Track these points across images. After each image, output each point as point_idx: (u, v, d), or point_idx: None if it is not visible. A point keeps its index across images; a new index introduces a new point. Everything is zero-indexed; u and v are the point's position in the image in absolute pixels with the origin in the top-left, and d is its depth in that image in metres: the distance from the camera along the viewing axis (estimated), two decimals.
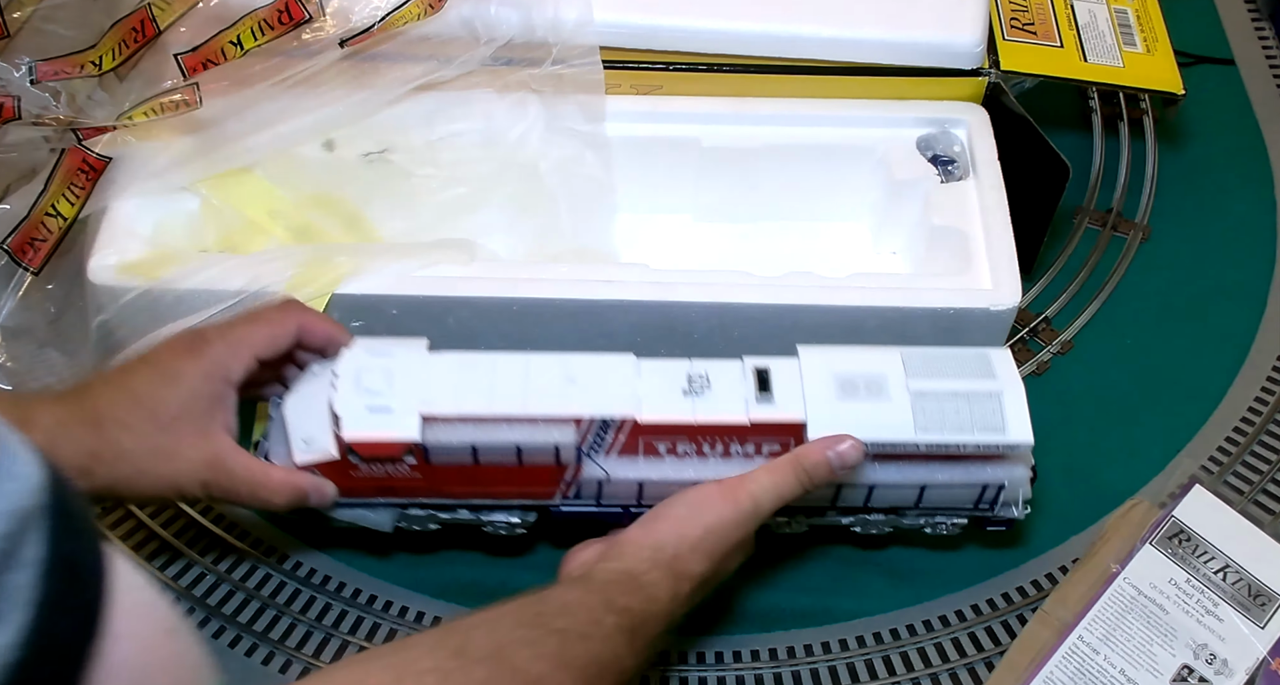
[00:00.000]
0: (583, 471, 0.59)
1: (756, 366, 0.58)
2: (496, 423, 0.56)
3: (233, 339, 0.57)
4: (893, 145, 0.74)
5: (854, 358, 0.59)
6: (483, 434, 0.56)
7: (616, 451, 0.58)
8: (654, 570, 0.53)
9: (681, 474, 0.59)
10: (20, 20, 0.70)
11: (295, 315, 0.58)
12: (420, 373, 0.57)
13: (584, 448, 0.58)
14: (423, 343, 0.59)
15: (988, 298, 0.67)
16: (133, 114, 0.66)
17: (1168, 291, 0.81)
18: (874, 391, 0.58)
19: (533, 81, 0.72)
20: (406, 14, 0.68)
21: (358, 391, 0.56)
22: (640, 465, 0.59)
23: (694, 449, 0.58)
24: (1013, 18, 0.79)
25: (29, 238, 0.66)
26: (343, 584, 0.67)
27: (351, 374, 0.57)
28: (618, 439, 0.58)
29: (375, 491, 0.60)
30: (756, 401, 0.57)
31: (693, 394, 0.57)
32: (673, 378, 0.58)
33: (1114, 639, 0.63)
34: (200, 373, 0.55)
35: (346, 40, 0.67)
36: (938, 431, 0.57)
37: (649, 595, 0.52)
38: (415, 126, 0.73)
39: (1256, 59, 0.95)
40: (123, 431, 0.54)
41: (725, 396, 0.57)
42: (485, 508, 0.62)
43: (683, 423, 0.57)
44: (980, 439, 0.57)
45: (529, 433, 0.57)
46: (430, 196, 0.73)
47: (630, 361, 0.59)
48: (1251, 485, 0.72)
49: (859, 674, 0.65)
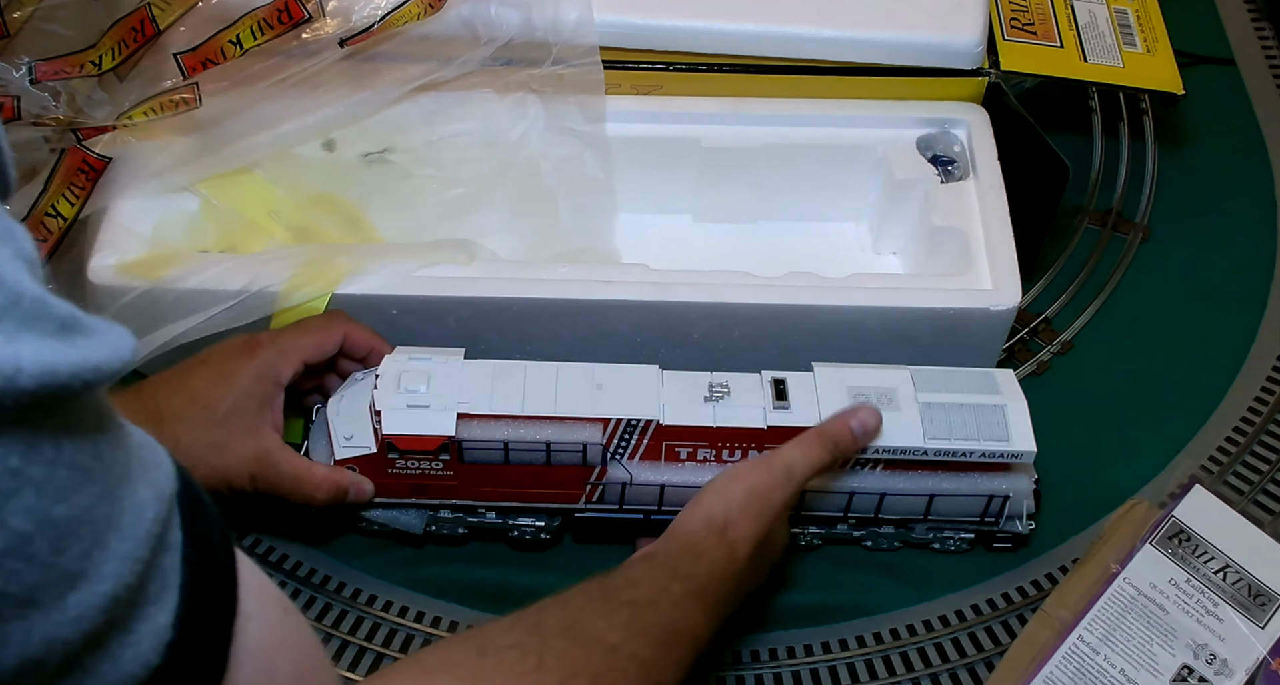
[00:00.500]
0: (607, 474, 0.62)
1: (774, 378, 0.62)
2: (528, 422, 0.60)
3: (283, 344, 0.61)
4: (893, 145, 0.74)
5: (866, 374, 0.62)
6: (515, 432, 0.60)
7: (640, 455, 0.62)
8: (709, 536, 0.55)
9: (701, 478, 0.61)
10: (20, 20, 0.70)
11: (341, 325, 0.63)
12: (457, 376, 0.61)
13: (609, 450, 0.61)
14: (459, 352, 0.62)
15: (988, 298, 0.67)
16: (133, 114, 0.66)
17: (1168, 291, 0.81)
18: (885, 402, 0.61)
19: (533, 81, 0.72)
20: (406, 14, 0.68)
21: (398, 391, 0.60)
22: (662, 469, 0.62)
23: (714, 454, 0.62)
24: (1013, 18, 0.79)
25: None
26: (342, 583, 0.67)
27: (393, 376, 0.60)
28: (641, 442, 0.61)
29: (409, 491, 0.63)
30: (774, 409, 0.60)
31: (713, 401, 0.61)
32: (695, 386, 0.62)
33: (1114, 639, 0.63)
34: (253, 373, 0.59)
35: (346, 40, 0.67)
36: (945, 439, 0.60)
37: (710, 560, 0.55)
38: (415, 127, 0.73)
39: (1256, 59, 0.95)
40: (180, 426, 0.58)
41: (744, 404, 0.61)
42: (512, 511, 0.65)
43: (704, 427, 0.60)
44: (985, 447, 0.60)
45: (558, 432, 0.60)
46: (430, 196, 0.73)
47: (654, 372, 0.62)
48: (1251, 485, 0.72)
49: (859, 674, 0.65)
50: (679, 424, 0.60)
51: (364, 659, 0.65)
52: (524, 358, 0.69)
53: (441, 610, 0.67)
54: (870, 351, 0.69)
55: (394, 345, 0.68)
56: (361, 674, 0.64)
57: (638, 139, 0.74)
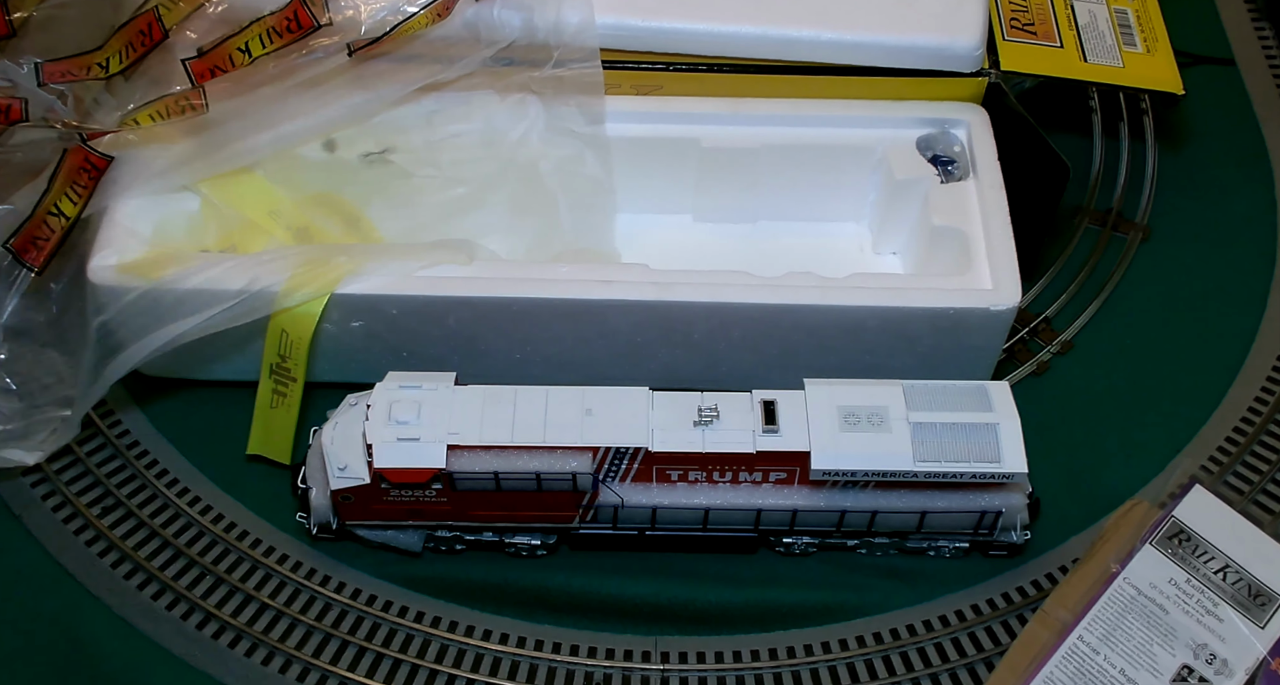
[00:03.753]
0: (600, 497, 0.62)
1: (764, 399, 0.62)
2: (517, 452, 0.60)
3: None
4: (893, 145, 0.74)
5: (858, 391, 0.62)
6: (504, 462, 0.60)
7: (631, 479, 0.62)
8: None
9: (693, 499, 0.62)
10: (22, 18, 0.70)
11: None
12: (447, 405, 0.61)
13: (600, 475, 0.62)
14: (450, 376, 0.62)
15: (988, 298, 0.67)
16: (138, 117, 0.66)
17: (1168, 291, 0.81)
18: (875, 423, 0.61)
19: (533, 83, 0.72)
20: (415, 24, 0.68)
21: (389, 423, 0.60)
22: (654, 491, 0.63)
23: (704, 476, 0.62)
24: (1013, 18, 0.79)
25: (32, 237, 0.66)
26: (342, 583, 0.67)
27: (384, 406, 0.61)
28: (632, 467, 0.62)
29: (405, 515, 0.64)
30: (763, 432, 0.60)
31: (703, 425, 0.61)
32: (684, 410, 0.61)
33: (1114, 639, 0.63)
34: None
35: (355, 48, 0.67)
36: (935, 461, 0.60)
37: None
38: (416, 127, 0.73)
39: (1256, 59, 0.95)
40: None
41: (733, 427, 0.61)
42: (509, 530, 0.65)
43: (693, 452, 0.61)
44: (976, 469, 0.60)
45: (548, 461, 0.60)
46: (430, 197, 0.73)
47: (644, 394, 0.62)
48: (1251, 485, 0.72)
49: (859, 674, 0.65)
50: (668, 451, 0.61)
51: (364, 659, 0.65)
52: (524, 357, 0.70)
53: (441, 610, 0.67)
54: (870, 351, 0.69)
55: (395, 346, 0.69)
56: (361, 674, 0.64)
57: (638, 139, 0.74)
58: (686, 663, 0.65)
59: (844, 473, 0.61)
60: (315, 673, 0.64)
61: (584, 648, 0.65)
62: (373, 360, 0.68)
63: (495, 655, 0.65)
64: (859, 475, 0.61)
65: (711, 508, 0.63)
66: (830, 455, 0.60)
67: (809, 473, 0.61)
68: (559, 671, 0.65)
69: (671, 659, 0.65)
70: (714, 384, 0.64)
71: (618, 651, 0.65)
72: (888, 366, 0.69)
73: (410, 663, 0.65)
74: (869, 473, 0.61)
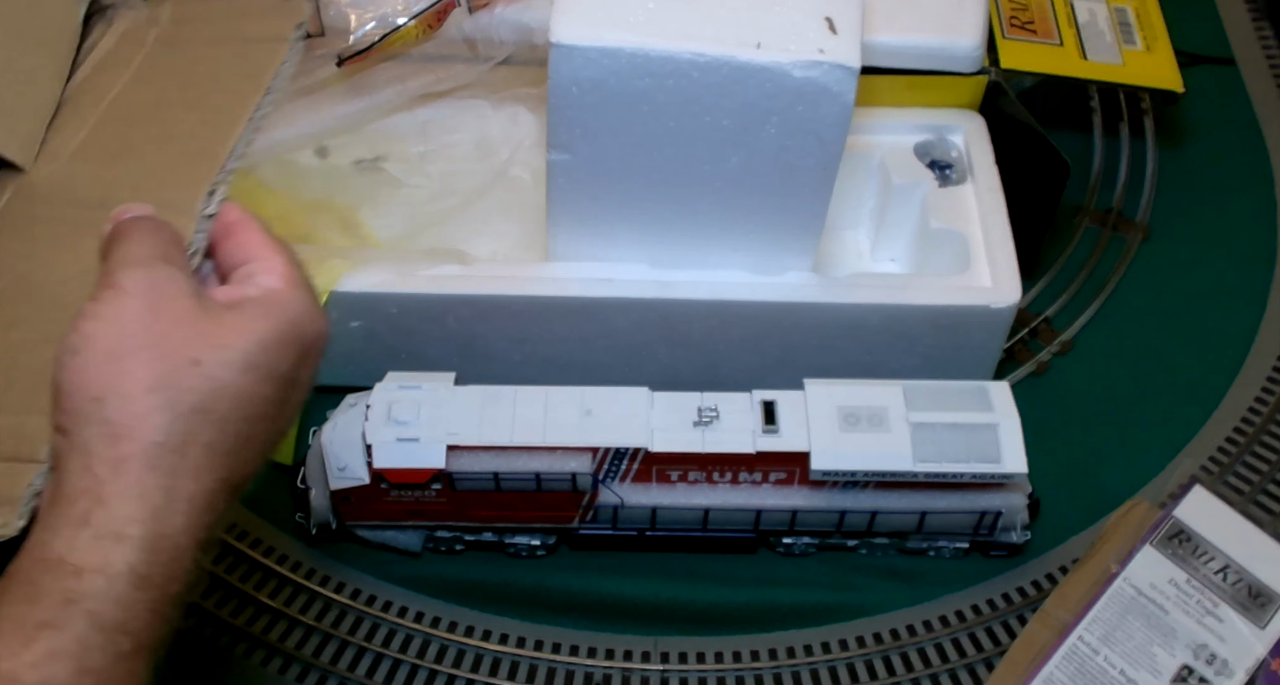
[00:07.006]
0: (599, 497, 0.63)
1: (764, 399, 0.62)
2: (517, 452, 0.61)
3: None
4: (890, 151, 0.74)
5: (858, 391, 0.62)
6: (504, 463, 0.60)
7: (631, 479, 0.62)
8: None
9: (693, 499, 0.62)
10: None
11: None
12: (446, 405, 0.61)
13: (600, 476, 0.62)
14: (450, 377, 0.62)
15: (988, 295, 0.67)
16: None
17: (1168, 291, 0.81)
18: (875, 423, 0.61)
19: (526, 95, 0.72)
20: (405, 36, 0.68)
21: (388, 423, 0.60)
22: (654, 492, 0.63)
23: (704, 476, 0.62)
24: (1012, 16, 0.79)
25: None
26: (342, 583, 0.67)
27: (383, 406, 0.61)
28: (631, 467, 0.62)
29: (405, 515, 0.64)
30: (762, 433, 0.60)
31: (703, 425, 0.61)
32: (684, 410, 0.62)
33: (1114, 639, 0.63)
34: None
35: (345, 59, 0.67)
36: (935, 462, 0.60)
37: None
38: (408, 136, 0.73)
39: (1256, 59, 0.95)
40: None
41: (733, 427, 0.61)
42: (509, 530, 0.66)
43: (692, 453, 0.61)
44: (976, 469, 0.60)
45: (547, 461, 0.61)
46: (421, 206, 0.73)
47: (644, 394, 0.62)
48: (1251, 485, 0.71)
49: (859, 674, 0.65)
50: (668, 451, 0.61)
51: (363, 659, 0.65)
52: (523, 357, 0.69)
53: (441, 610, 0.67)
54: (870, 351, 0.69)
55: (394, 346, 0.69)
56: (361, 674, 0.64)
57: None
58: (686, 663, 0.65)
59: (844, 473, 0.61)
60: (315, 673, 0.64)
61: (584, 648, 0.65)
62: (372, 360, 0.68)
63: (495, 655, 0.65)
64: (859, 475, 0.61)
65: (711, 508, 0.63)
66: (830, 455, 0.60)
67: (809, 473, 0.61)
68: (559, 671, 0.65)
69: (671, 659, 0.65)
70: (714, 384, 0.64)
71: (617, 651, 0.65)
72: (888, 366, 0.69)
73: (410, 663, 0.64)
74: (869, 473, 0.61)
